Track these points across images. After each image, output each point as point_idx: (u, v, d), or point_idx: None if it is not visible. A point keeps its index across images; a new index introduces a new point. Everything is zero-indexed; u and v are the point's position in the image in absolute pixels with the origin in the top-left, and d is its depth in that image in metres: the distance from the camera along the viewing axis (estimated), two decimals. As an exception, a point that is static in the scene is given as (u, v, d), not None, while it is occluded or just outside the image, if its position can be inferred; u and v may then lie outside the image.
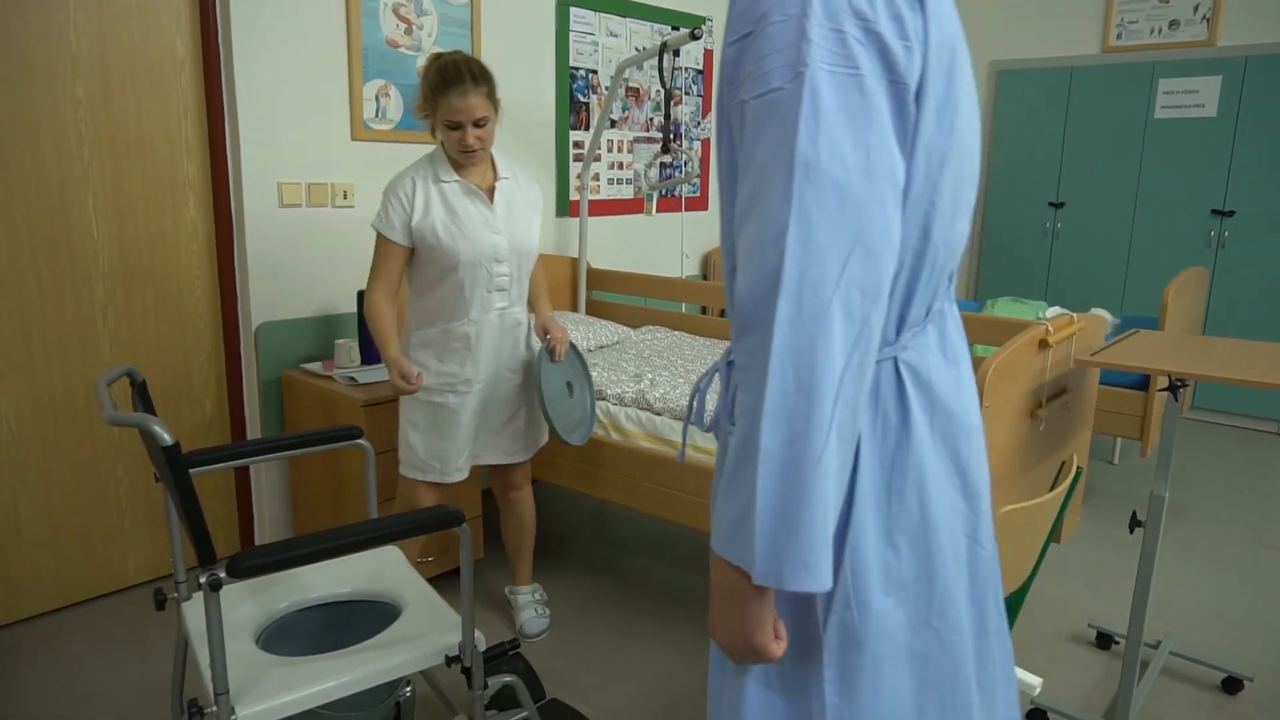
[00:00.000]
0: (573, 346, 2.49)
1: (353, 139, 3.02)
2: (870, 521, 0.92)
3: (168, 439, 1.30)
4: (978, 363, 2.98)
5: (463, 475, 2.31)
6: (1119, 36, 5.08)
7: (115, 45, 2.54)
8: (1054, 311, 3.94)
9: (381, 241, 2.16)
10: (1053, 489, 1.59)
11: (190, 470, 1.45)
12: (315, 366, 2.91)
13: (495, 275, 2.22)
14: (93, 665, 2.36)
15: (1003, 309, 4.19)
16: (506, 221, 2.22)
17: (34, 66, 2.40)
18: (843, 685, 0.92)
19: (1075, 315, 2.34)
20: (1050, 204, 5.44)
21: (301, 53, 2.85)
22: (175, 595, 1.66)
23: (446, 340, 2.23)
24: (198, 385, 2.86)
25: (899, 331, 0.95)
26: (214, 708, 1.32)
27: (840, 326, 0.78)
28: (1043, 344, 2.12)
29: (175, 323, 2.78)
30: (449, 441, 2.27)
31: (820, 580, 0.80)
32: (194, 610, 1.62)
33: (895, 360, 0.95)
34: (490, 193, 2.23)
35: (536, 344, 2.43)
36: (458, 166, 2.19)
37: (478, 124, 2.10)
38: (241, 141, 2.74)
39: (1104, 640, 2.55)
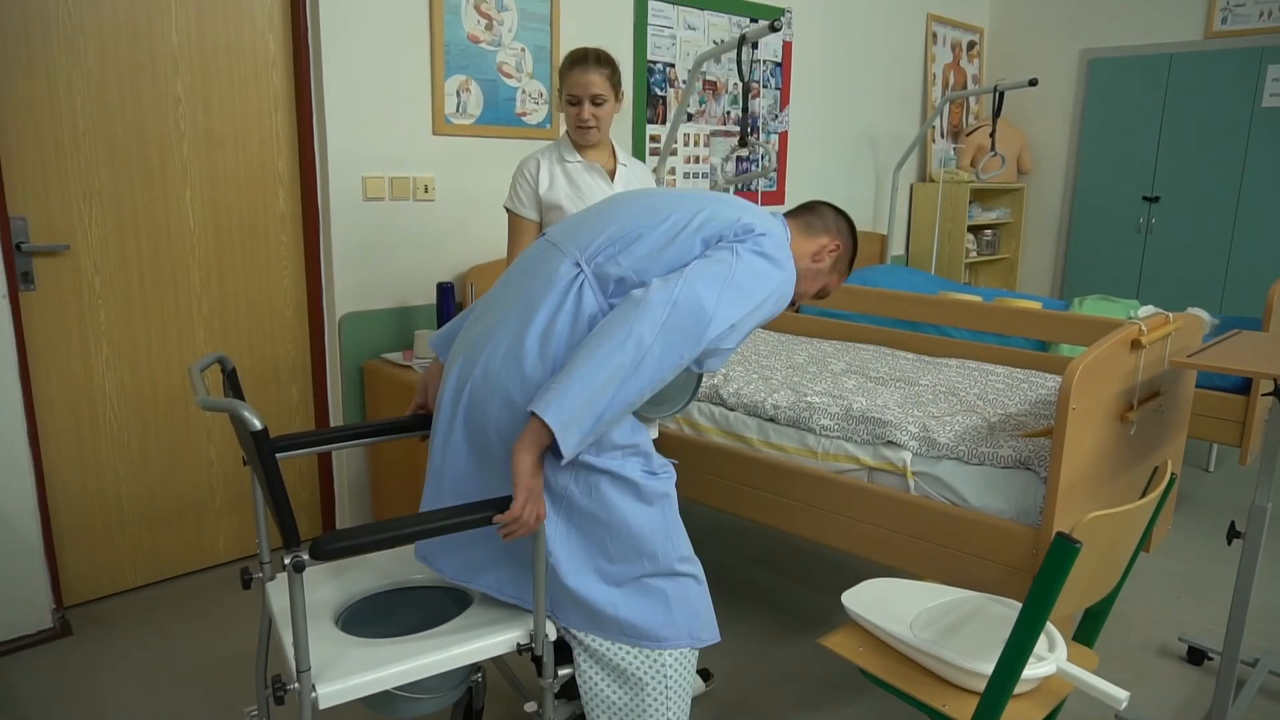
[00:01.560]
0: None
1: (434, 133, 3.09)
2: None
3: (257, 424, 1.35)
4: (1065, 362, 2.88)
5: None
6: (1224, 21, 4.82)
7: (213, 44, 2.65)
8: (1147, 310, 3.77)
9: (513, 220, 2.32)
10: (1144, 496, 1.52)
11: (276, 455, 1.50)
12: (395, 356, 2.98)
13: None
14: (185, 638, 2.48)
15: (1091, 307, 4.03)
16: None
17: (139, 65, 2.52)
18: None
19: (1171, 315, 2.24)
20: (1144, 198, 5.21)
21: (386, 49, 2.92)
22: (260, 575, 1.72)
23: None
24: (284, 373, 2.97)
25: None
26: (296, 684, 1.37)
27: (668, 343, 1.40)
28: (1135, 344, 2.03)
29: (264, 312, 2.89)
30: None
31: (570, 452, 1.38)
32: (278, 590, 1.67)
33: None
34: (612, 174, 2.33)
35: None
36: (580, 148, 2.31)
37: (595, 101, 2.21)
38: (329, 136, 2.83)
39: (1195, 655, 2.43)
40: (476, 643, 1.51)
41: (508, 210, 2.33)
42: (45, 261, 2.45)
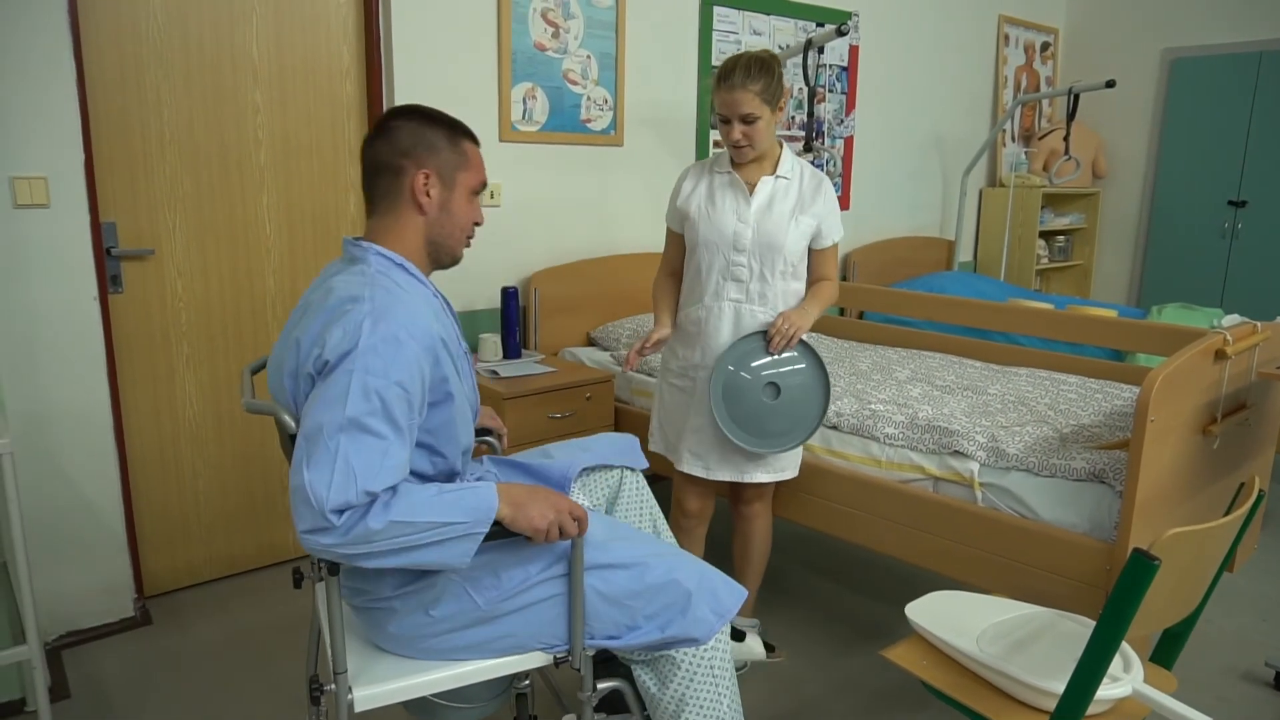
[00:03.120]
0: (809, 348, 2.17)
1: (500, 140, 3.13)
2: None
3: (294, 428, 1.35)
4: (1143, 373, 2.78)
5: (689, 469, 2.26)
6: (1318, 18, 4.61)
7: (290, 56, 2.74)
8: (1232, 320, 3.61)
9: (668, 227, 2.34)
10: (1228, 513, 1.46)
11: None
12: (460, 359, 3.03)
13: (732, 264, 2.19)
14: (257, 630, 2.56)
15: (1171, 315, 3.88)
16: (760, 214, 2.18)
17: (221, 77, 2.62)
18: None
19: (1258, 324, 2.14)
20: (1230, 203, 5.00)
21: (454, 58, 2.98)
22: (311, 575, 1.73)
23: (685, 323, 2.28)
24: (354, 374, 3.04)
25: None
26: (333, 685, 1.38)
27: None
28: (1219, 354, 1.95)
29: (336, 315, 2.97)
30: (675, 427, 2.31)
31: None
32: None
33: None
34: (753, 187, 2.20)
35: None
36: (733, 161, 2.23)
37: (745, 120, 2.09)
38: (399, 144, 2.90)
39: (1283, 682, 2.32)
40: (514, 654, 1.50)
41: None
42: (132, 265, 2.56)
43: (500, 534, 1.38)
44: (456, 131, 1.53)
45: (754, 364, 2.13)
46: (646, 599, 1.49)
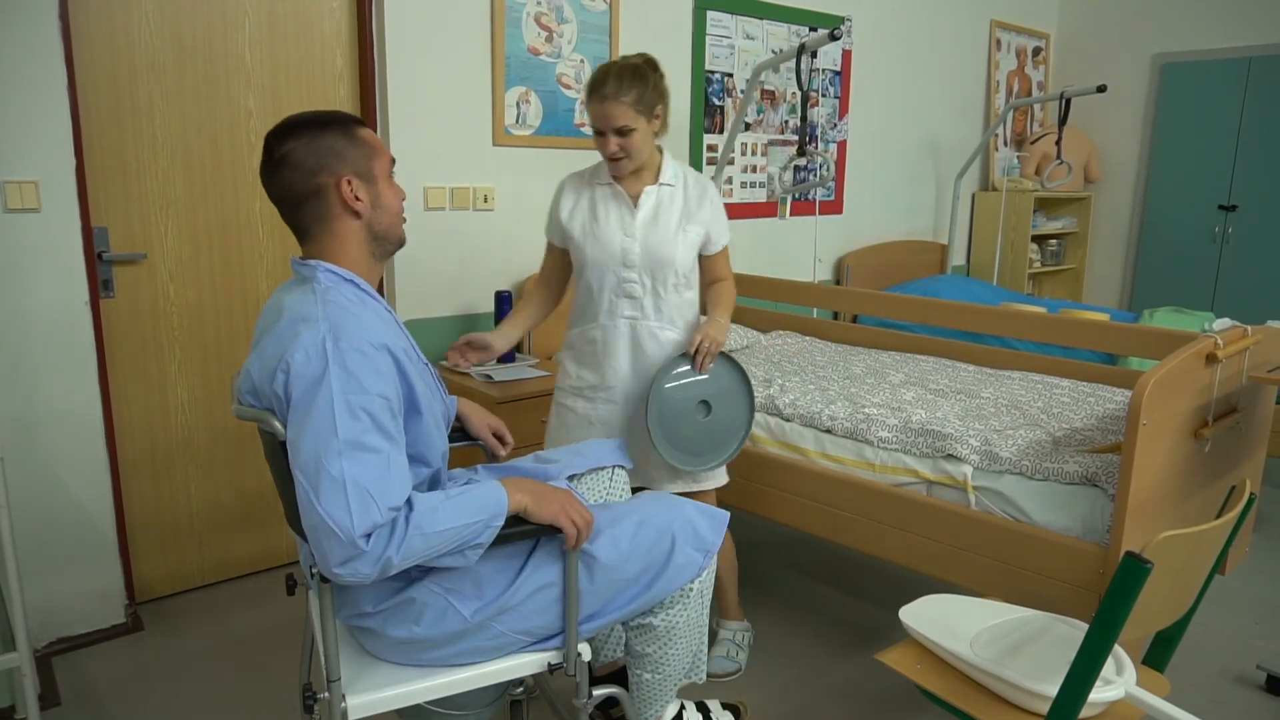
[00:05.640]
0: (727, 358, 2.15)
1: (494, 144, 3.13)
2: None
3: (283, 433, 1.33)
4: (1135, 376, 2.79)
5: None
6: (1307, 23, 4.64)
7: (284, 60, 2.73)
8: (1223, 323, 3.63)
9: (548, 240, 2.26)
10: (1220, 516, 1.46)
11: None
12: (454, 363, 3.03)
13: (624, 281, 2.13)
14: (249, 635, 2.55)
15: (1163, 319, 3.90)
16: (646, 227, 2.12)
17: (214, 81, 2.62)
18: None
19: (1249, 328, 2.15)
20: (1220, 207, 5.03)
21: (448, 62, 2.98)
22: (305, 583, 1.72)
23: (581, 343, 2.22)
24: (347, 378, 3.04)
25: None
26: (326, 693, 1.38)
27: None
28: (1211, 358, 1.96)
29: (329, 319, 2.96)
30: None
31: None
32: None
33: None
34: (638, 198, 2.13)
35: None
36: (612, 172, 2.15)
37: (619, 132, 2.02)
38: (392, 148, 2.89)
39: (1275, 685, 2.33)
40: (507, 661, 1.50)
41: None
42: (124, 270, 2.55)
43: (523, 532, 1.40)
44: (348, 124, 1.45)
45: (683, 385, 2.09)
46: (634, 561, 1.53)
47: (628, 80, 1.99)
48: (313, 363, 1.28)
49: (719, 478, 2.26)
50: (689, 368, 2.09)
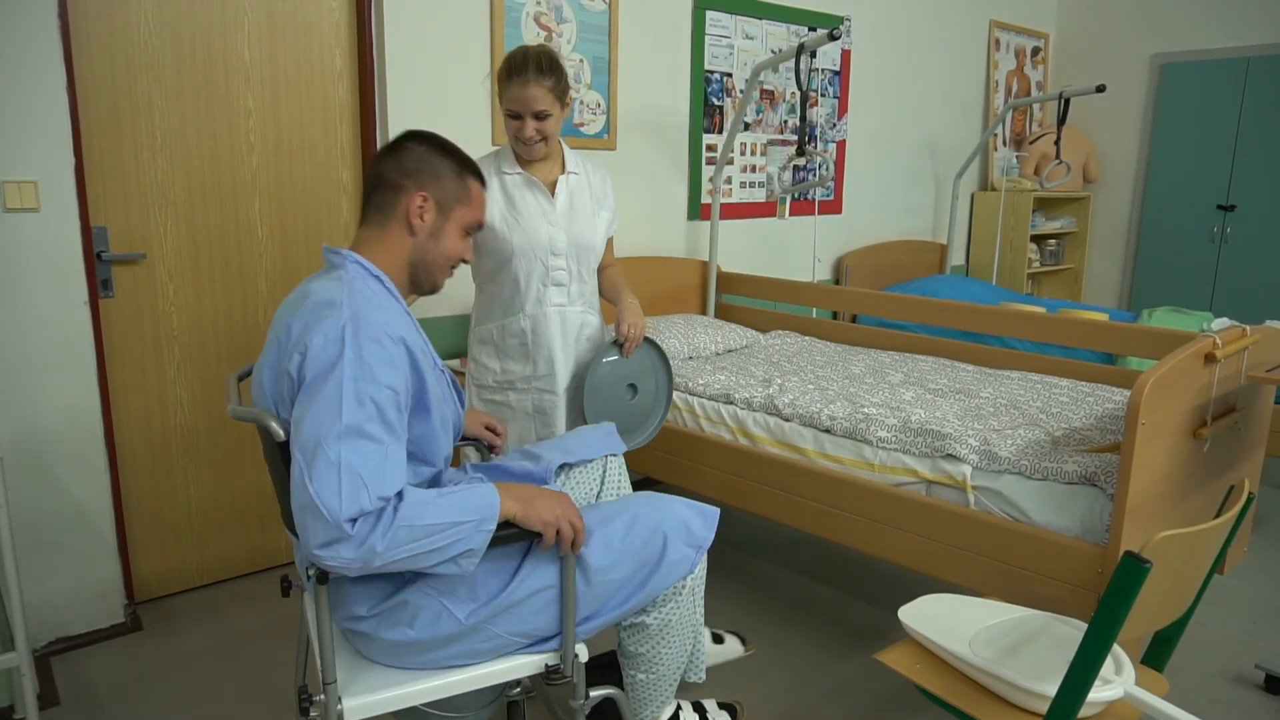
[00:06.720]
0: (651, 343, 2.31)
1: (493, 144, 3.13)
2: None
3: (282, 435, 1.34)
4: (1133, 376, 2.79)
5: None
6: (1305, 24, 4.64)
7: (283, 60, 2.73)
8: (1221, 323, 3.63)
9: None
10: (1218, 515, 1.46)
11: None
12: (454, 364, 3.03)
13: (552, 269, 2.16)
14: (248, 635, 2.55)
15: (1161, 319, 3.90)
16: (567, 215, 2.18)
17: (214, 80, 2.62)
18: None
19: (1248, 328, 2.16)
20: (1219, 207, 5.03)
21: (447, 62, 2.98)
22: (300, 584, 1.71)
23: (504, 336, 2.22)
24: (346, 378, 3.03)
25: None
26: (322, 695, 1.38)
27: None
28: (1209, 358, 1.96)
29: (328, 319, 2.96)
30: (512, 441, 2.25)
31: None
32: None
33: None
34: (553, 186, 2.19)
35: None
36: (521, 159, 2.18)
37: (538, 116, 2.05)
38: (391, 148, 2.89)
39: (1274, 684, 2.33)
40: (505, 662, 1.50)
41: None
42: (123, 270, 2.55)
43: (513, 535, 1.39)
44: (465, 168, 1.55)
45: (614, 369, 2.26)
46: (626, 561, 1.53)
47: (547, 65, 2.04)
48: (330, 347, 1.31)
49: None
50: (618, 356, 2.25)
